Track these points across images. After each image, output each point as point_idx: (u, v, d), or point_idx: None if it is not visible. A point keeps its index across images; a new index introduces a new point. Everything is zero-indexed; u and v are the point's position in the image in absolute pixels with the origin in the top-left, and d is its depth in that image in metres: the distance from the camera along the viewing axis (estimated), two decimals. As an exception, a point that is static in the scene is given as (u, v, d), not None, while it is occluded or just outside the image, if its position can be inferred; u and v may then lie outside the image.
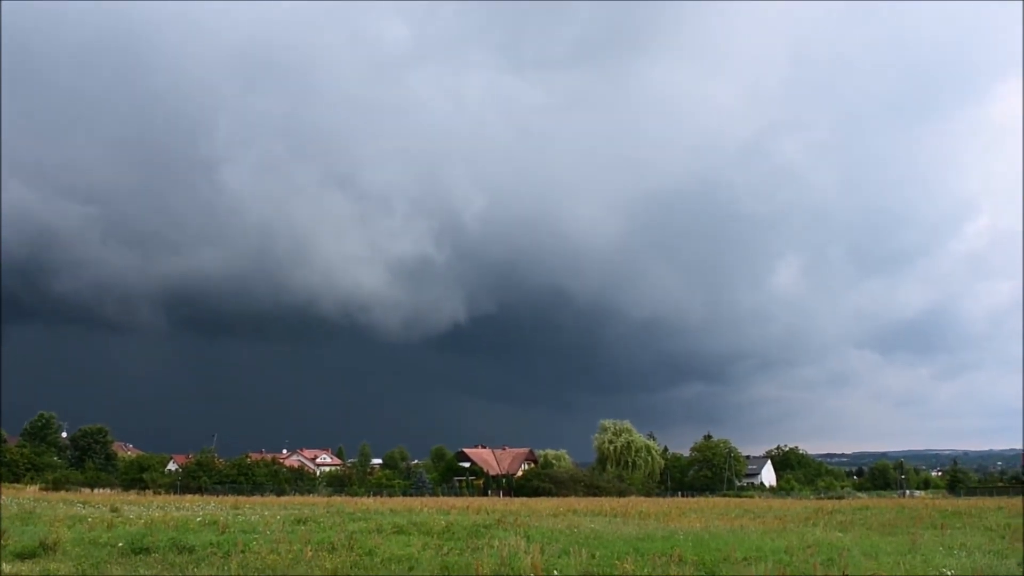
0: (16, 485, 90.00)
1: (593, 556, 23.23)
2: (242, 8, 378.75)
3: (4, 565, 20.22)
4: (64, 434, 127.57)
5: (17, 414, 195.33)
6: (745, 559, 23.72)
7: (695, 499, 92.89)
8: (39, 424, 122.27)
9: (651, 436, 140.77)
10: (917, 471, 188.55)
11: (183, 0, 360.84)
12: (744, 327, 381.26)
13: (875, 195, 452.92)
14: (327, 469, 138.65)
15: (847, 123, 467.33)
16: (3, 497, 55.36)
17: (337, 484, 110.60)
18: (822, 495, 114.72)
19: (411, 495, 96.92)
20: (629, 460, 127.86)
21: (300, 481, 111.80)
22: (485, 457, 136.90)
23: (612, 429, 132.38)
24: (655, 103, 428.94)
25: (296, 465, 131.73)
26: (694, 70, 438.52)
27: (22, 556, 21.91)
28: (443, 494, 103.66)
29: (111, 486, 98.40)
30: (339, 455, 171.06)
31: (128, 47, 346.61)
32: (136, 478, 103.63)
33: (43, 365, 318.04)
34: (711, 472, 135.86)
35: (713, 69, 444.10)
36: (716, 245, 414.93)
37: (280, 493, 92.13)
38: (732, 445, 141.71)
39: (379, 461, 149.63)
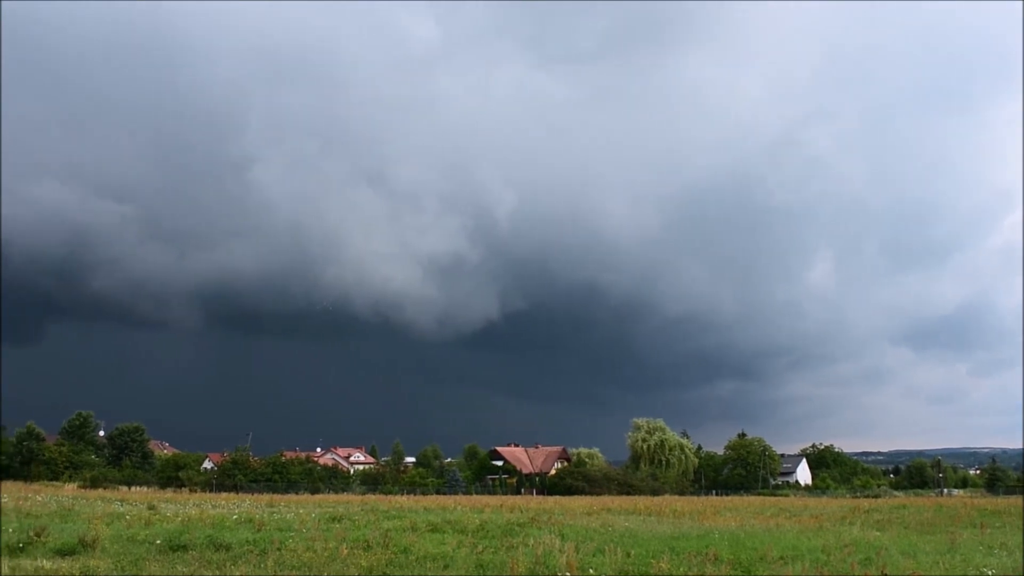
0: (55, 483, 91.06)
1: (628, 555, 23.17)
2: (271, 7, 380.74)
3: (45, 562, 20.42)
4: (101, 432, 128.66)
5: (55, 412, 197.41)
6: (781, 558, 23.58)
7: (729, 498, 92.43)
8: (77, 423, 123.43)
9: (684, 434, 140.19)
10: (955, 469, 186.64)
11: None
12: (777, 323, 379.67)
13: (909, 186, 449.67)
14: (360, 467, 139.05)
15: (879, 113, 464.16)
16: (42, 495, 55.98)
17: (371, 482, 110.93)
18: (858, 494, 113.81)
19: (444, 493, 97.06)
20: (662, 458, 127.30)
21: (334, 479, 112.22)
22: (518, 455, 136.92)
23: (645, 427, 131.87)
24: (685, 96, 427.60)
25: (330, 463, 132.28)
26: (724, 63, 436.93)
27: (62, 553, 22.12)
28: (476, 492, 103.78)
29: (148, 484, 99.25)
30: (372, 453, 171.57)
31: (159, 47, 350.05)
32: (172, 476, 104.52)
33: (80, 363, 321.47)
34: (745, 470, 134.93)
35: (743, 61, 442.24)
36: (748, 239, 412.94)
37: (314, 491, 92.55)
38: (766, 443, 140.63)
39: (412, 459, 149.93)
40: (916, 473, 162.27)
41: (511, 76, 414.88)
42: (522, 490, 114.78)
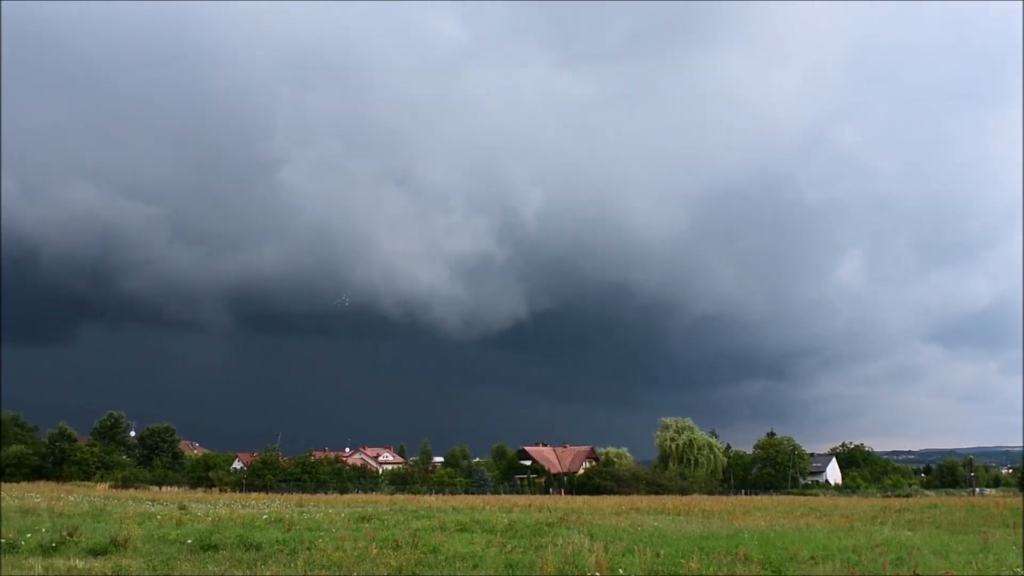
0: (87, 483, 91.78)
1: (658, 554, 23.11)
2: (298, 8, 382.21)
3: (78, 561, 20.59)
4: (132, 433, 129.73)
5: (87, 413, 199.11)
6: (812, 558, 23.45)
7: (759, 497, 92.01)
8: (108, 423, 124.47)
9: (713, 433, 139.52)
10: (987, 468, 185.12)
11: (239, 0, 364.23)
12: (807, 321, 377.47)
13: (940, 183, 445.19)
14: (389, 467, 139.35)
15: (909, 109, 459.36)
16: (74, 495, 56.47)
17: (399, 482, 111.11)
18: (889, 493, 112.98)
19: (473, 493, 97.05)
20: (691, 458, 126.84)
21: (363, 479, 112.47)
22: (546, 455, 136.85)
23: (674, 427, 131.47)
24: (713, 94, 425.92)
25: (359, 463, 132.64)
26: (753, 60, 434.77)
27: (94, 552, 22.29)
28: (504, 492, 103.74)
29: (178, 484, 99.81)
30: (401, 453, 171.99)
31: (186, 48, 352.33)
32: (202, 476, 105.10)
33: (111, 364, 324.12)
34: (775, 470, 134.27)
35: (772, 58, 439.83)
36: (778, 237, 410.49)
37: (343, 491, 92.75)
38: (796, 442, 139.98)
39: (440, 459, 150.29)
40: (947, 472, 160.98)
41: (537, 76, 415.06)
42: (550, 490, 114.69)
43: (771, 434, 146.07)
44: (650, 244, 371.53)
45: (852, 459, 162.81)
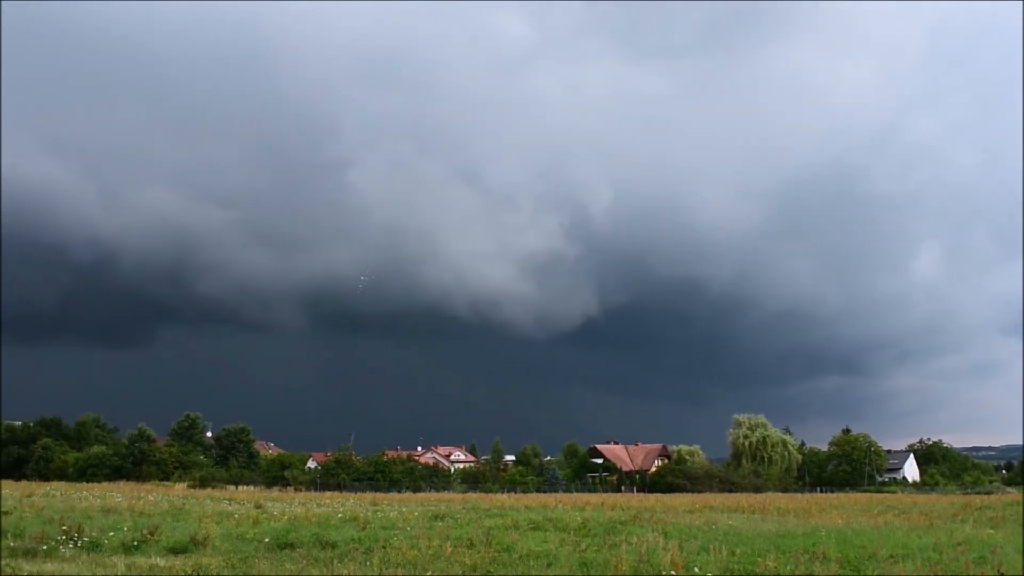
0: (165, 483, 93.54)
1: (733, 553, 22.91)
2: (364, 8, 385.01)
3: (159, 560, 20.97)
4: (209, 433, 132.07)
5: (165, 414, 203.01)
6: (891, 557, 23.09)
7: (835, 495, 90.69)
8: (185, 424, 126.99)
9: (787, 430, 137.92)
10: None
11: (306, 1, 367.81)
12: (883, 315, 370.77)
13: (1019, 172, 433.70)
14: (461, 466, 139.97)
15: (987, 97, 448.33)
16: (154, 494, 57.58)
17: (471, 481, 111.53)
18: (969, 490, 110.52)
19: (544, 492, 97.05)
20: (765, 455, 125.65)
21: (435, 478, 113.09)
22: (618, 453, 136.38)
23: (747, 424, 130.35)
24: (785, 86, 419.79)
25: (431, 462, 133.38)
26: (826, 50, 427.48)
27: (175, 551, 22.69)
28: (576, 490, 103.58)
29: (254, 483, 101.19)
30: (472, 452, 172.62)
31: (254, 51, 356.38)
32: (278, 475, 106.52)
33: (189, 365, 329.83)
34: (850, 467, 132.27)
35: (846, 48, 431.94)
36: (852, 230, 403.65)
37: (416, 490, 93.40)
38: (872, 439, 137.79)
39: (512, 458, 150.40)
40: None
41: (605, 72, 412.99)
42: (622, 488, 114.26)
43: (846, 431, 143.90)
44: (721, 239, 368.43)
45: (930, 456, 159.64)
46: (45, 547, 21.75)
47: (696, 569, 20.00)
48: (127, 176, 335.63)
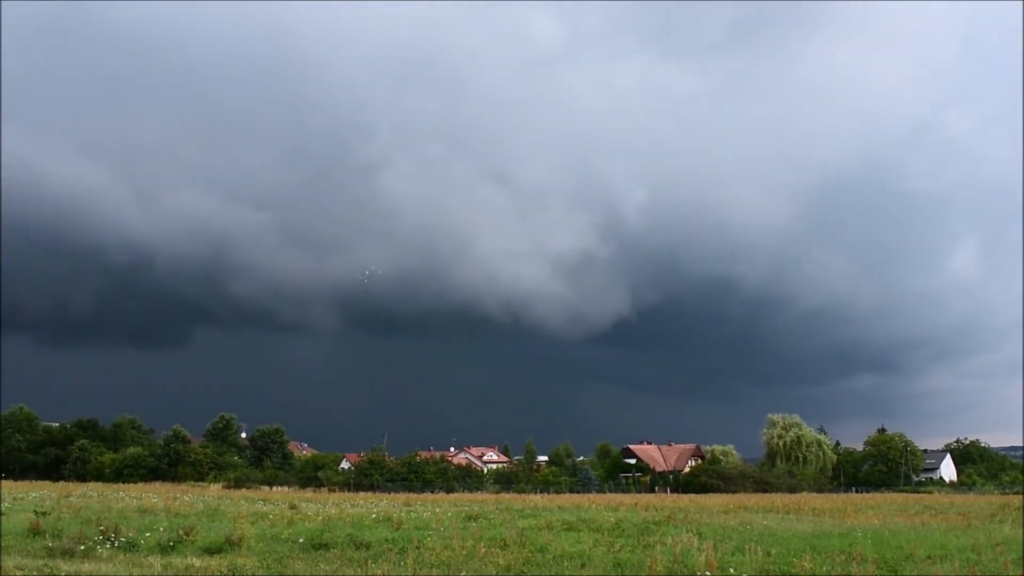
0: (200, 483, 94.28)
1: (769, 553, 22.80)
2: (394, 10, 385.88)
3: (194, 560, 21.12)
4: (243, 434, 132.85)
5: (199, 415, 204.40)
6: (929, 557, 22.90)
7: (870, 495, 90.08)
8: (220, 425, 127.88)
9: (821, 430, 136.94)
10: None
11: (335, 0, 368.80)
12: (917, 313, 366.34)
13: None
14: (494, 466, 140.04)
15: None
16: (189, 495, 58.04)
17: (504, 481, 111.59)
18: (1007, 490, 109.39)
19: (577, 492, 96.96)
20: (799, 455, 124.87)
21: (468, 478, 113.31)
22: (651, 453, 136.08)
23: (781, 423, 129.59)
24: (819, 83, 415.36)
25: (464, 463, 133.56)
26: (860, 46, 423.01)
27: (210, 551, 22.84)
28: (609, 491, 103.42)
29: (288, 484, 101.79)
30: (505, 452, 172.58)
31: (285, 53, 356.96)
32: (311, 476, 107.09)
33: (223, 366, 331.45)
34: (886, 467, 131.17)
35: (880, 44, 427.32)
36: (886, 228, 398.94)
37: (449, 490, 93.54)
38: (907, 438, 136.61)
39: (544, 458, 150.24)
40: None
41: (637, 70, 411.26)
42: (656, 488, 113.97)
43: (882, 430, 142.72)
44: (755, 237, 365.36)
45: (967, 455, 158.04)
46: (83, 547, 21.97)
47: (731, 570, 19.90)
48: (161, 179, 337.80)
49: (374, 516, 38.50)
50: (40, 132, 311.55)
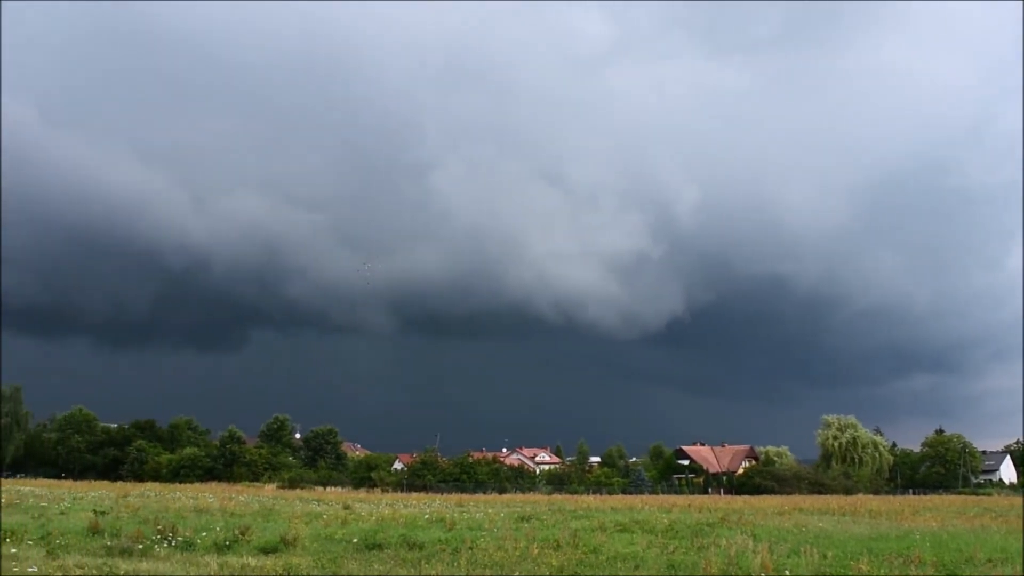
0: (255, 484, 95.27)
1: (825, 556, 22.52)
2: (443, 11, 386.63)
3: (250, 559, 21.31)
4: (297, 435, 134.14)
5: (254, 416, 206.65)
6: (990, 560, 22.53)
7: (928, 497, 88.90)
8: (274, 426, 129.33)
9: (877, 431, 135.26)
10: None
11: (387, 0, 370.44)
12: (976, 312, 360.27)
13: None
14: (546, 467, 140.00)
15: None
16: (244, 495, 58.64)
17: (556, 482, 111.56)
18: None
19: (630, 493, 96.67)
20: (855, 456, 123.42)
21: (520, 479, 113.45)
22: (704, 454, 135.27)
23: (836, 424, 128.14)
24: (873, 79, 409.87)
25: (516, 463, 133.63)
26: (916, 41, 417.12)
27: (265, 551, 23.04)
28: (662, 492, 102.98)
29: (342, 484, 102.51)
30: (557, 453, 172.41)
31: (336, 55, 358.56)
32: (365, 477, 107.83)
33: (277, 368, 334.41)
34: (944, 468, 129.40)
35: (937, 38, 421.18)
36: (943, 226, 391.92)
37: (501, 491, 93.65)
38: (966, 439, 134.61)
39: (597, 459, 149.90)
40: None
41: (686, 69, 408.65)
42: (709, 490, 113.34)
43: (939, 431, 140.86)
44: (809, 236, 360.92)
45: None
46: (141, 546, 22.26)
47: (787, 572, 19.70)
48: (216, 181, 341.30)
49: (427, 517, 38.63)
50: (99, 137, 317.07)
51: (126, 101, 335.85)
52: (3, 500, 41.26)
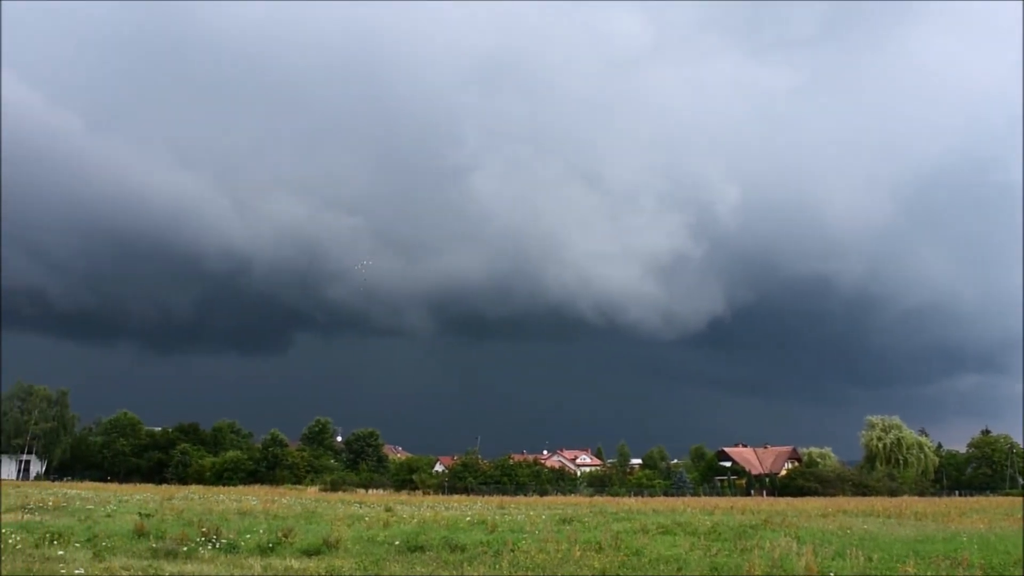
0: (298, 486, 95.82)
1: (870, 559, 22.33)
2: (480, 12, 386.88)
3: (293, 561, 21.44)
4: (339, 438, 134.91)
5: (296, 419, 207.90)
6: (1039, 563, 22.16)
7: (974, 498, 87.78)
8: (316, 429, 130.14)
9: (922, 432, 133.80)
10: None
11: (424, 1, 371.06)
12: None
13: None
14: (587, 469, 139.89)
15: None
16: (287, 497, 59.02)
17: (597, 484, 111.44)
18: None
19: (672, 495, 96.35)
20: (900, 458, 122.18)
21: (561, 481, 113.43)
22: (747, 456, 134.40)
23: (880, 425, 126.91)
24: (917, 75, 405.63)
25: (557, 465, 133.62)
26: (959, 35, 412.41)
27: (308, 553, 23.15)
28: (704, 494, 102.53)
29: (383, 487, 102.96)
30: (598, 455, 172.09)
31: (373, 57, 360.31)
32: (406, 479, 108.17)
33: (319, 371, 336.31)
34: (991, 470, 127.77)
35: (981, 32, 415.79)
36: (991, 223, 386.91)
37: (543, 493, 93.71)
38: (1013, 440, 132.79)
39: (638, 461, 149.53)
40: None
41: (726, 68, 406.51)
42: (751, 491, 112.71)
43: (986, 432, 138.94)
44: (853, 234, 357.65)
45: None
46: (185, 548, 22.47)
47: (832, 575, 19.52)
48: (257, 186, 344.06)
49: (468, 519, 38.68)
50: (141, 143, 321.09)
51: (166, 105, 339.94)
52: (50, 503, 41.88)
